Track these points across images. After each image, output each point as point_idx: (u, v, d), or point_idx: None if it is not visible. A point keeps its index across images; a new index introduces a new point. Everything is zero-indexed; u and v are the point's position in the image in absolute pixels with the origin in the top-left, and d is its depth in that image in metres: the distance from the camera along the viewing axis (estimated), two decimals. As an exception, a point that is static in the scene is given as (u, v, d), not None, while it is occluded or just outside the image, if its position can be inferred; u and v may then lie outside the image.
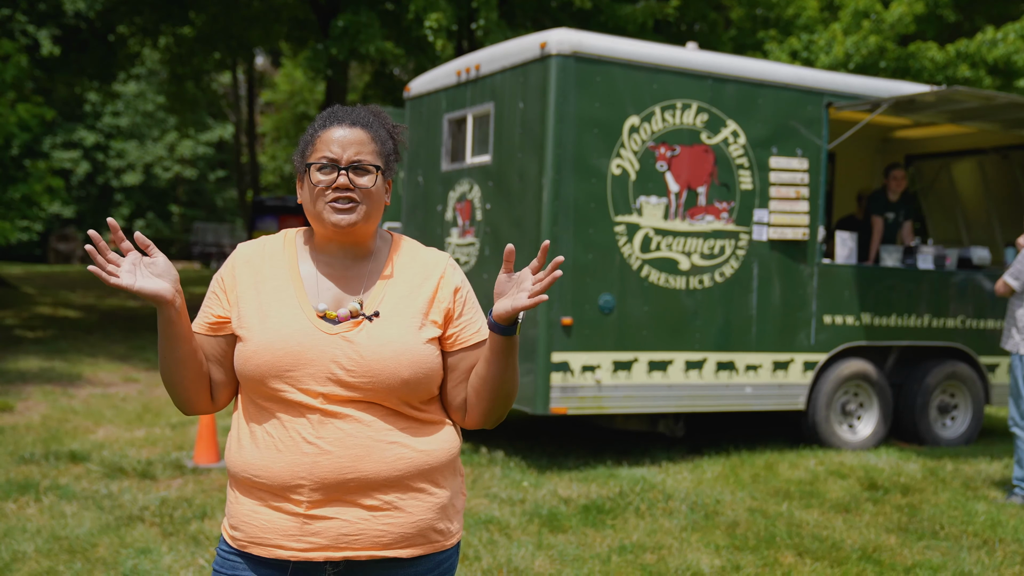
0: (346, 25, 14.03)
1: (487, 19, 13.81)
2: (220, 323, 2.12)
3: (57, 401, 9.02)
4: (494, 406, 2.13)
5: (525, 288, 2.02)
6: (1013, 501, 6.51)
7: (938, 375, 8.41)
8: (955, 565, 5.06)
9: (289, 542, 2.01)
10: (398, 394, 2.04)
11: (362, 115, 2.14)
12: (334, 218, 2.06)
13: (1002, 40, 15.20)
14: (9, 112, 13.30)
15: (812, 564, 5.02)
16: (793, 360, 7.69)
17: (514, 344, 2.06)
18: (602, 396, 6.97)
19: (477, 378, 2.12)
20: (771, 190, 7.50)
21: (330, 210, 2.06)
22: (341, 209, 2.06)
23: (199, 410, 2.17)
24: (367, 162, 2.08)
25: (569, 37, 6.84)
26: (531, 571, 4.76)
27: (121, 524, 5.27)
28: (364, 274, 2.13)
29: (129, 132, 38.40)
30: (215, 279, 2.16)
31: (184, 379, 2.09)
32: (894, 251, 8.43)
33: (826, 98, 7.72)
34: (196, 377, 2.10)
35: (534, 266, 2.04)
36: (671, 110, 7.13)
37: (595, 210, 6.90)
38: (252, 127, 34.39)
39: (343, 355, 2.02)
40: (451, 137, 8.10)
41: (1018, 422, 6.55)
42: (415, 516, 2.06)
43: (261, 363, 2.02)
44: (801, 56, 16.42)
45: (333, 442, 2.00)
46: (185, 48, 21.06)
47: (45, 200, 15.00)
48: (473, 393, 2.13)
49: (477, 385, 2.12)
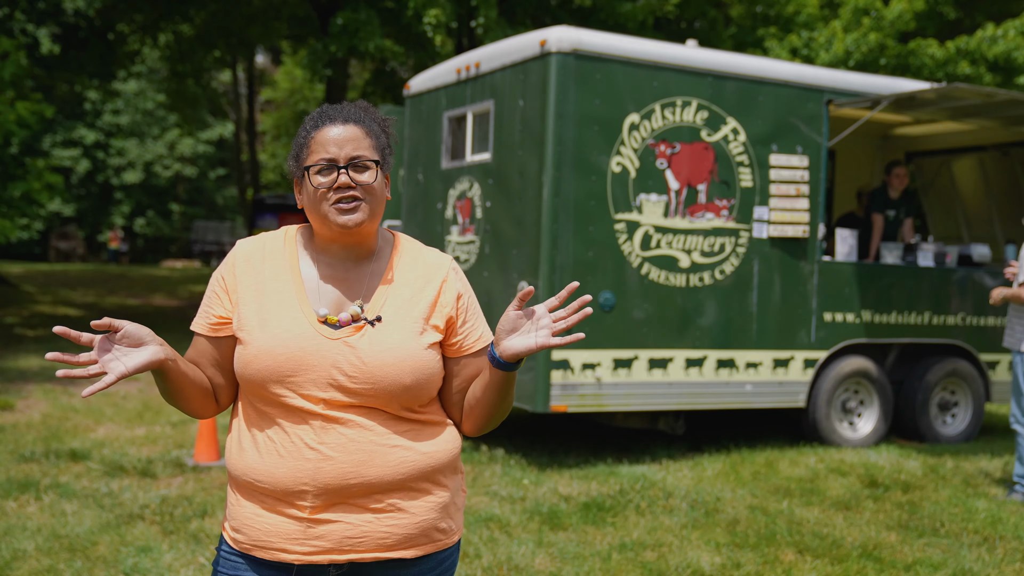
0: (345, 23, 14.03)
1: (486, 17, 13.80)
2: (222, 323, 2.08)
3: (57, 399, 9.02)
4: (487, 423, 2.16)
5: (545, 326, 1.98)
6: (1014, 498, 6.51)
7: (938, 372, 8.41)
8: (955, 562, 5.05)
9: (293, 546, 2.00)
10: (399, 399, 2.03)
11: (353, 111, 2.11)
12: (340, 219, 2.03)
13: (1002, 37, 15.19)
14: (8, 110, 13.30)
15: (812, 562, 5.02)
16: (793, 357, 7.69)
17: (513, 377, 2.05)
18: (602, 394, 6.97)
19: (472, 397, 2.12)
20: (771, 187, 7.50)
21: (335, 212, 2.03)
22: (345, 209, 2.03)
23: (204, 416, 2.18)
24: (365, 158, 2.05)
25: (569, 35, 6.83)
26: (531, 569, 4.76)
27: (121, 522, 5.27)
28: (366, 276, 2.11)
29: (129, 130, 38.40)
30: (216, 278, 2.12)
31: (190, 402, 2.10)
32: (894, 248, 8.43)
33: (826, 95, 7.71)
34: (201, 395, 2.10)
35: (552, 304, 1.99)
36: (671, 107, 7.12)
37: (595, 208, 6.90)
38: (252, 125, 34.40)
39: (345, 361, 2.00)
40: (451, 135, 8.09)
41: (1019, 419, 6.54)
42: (418, 517, 2.06)
43: (262, 367, 2.00)
44: (801, 53, 16.42)
45: (335, 447, 1.99)
46: (185, 45, 21.06)
47: (45, 198, 15.00)
48: (467, 408, 2.15)
49: (472, 403, 2.13)
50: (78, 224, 39.05)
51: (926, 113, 8.67)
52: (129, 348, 1.89)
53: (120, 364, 1.86)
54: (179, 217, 41.89)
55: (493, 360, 2.02)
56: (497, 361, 2.01)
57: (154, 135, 38.73)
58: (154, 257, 40.34)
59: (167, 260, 38.30)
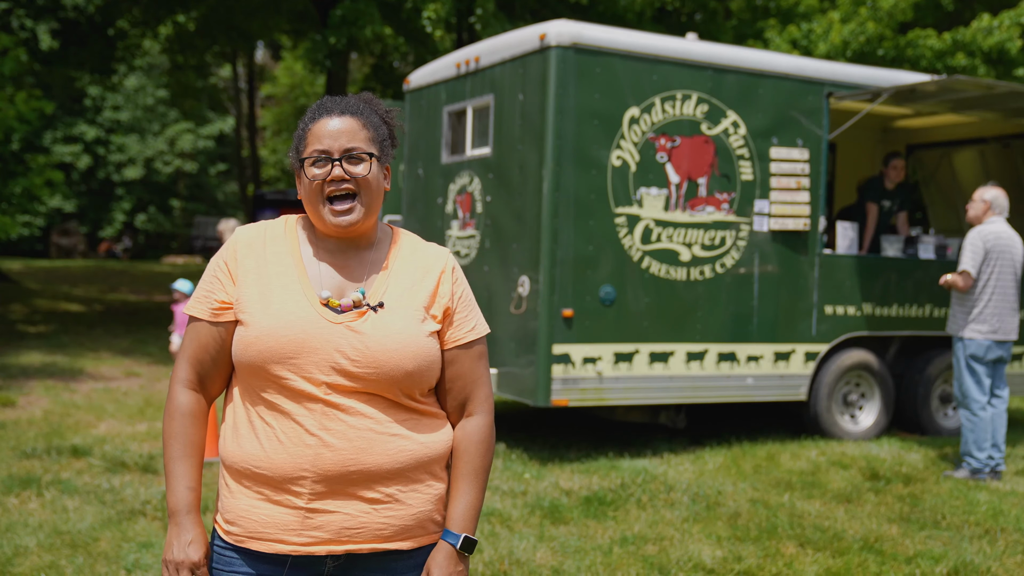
0: (344, 13, 14.00)
1: (484, 10, 13.78)
2: (224, 308, 2.08)
3: (59, 396, 9.03)
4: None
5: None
6: (957, 475, 6.81)
7: (939, 365, 8.41)
8: (957, 555, 5.06)
9: (290, 536, 2.01)
10: (400, 386, 2.04)
11: (352, 103, 2.12)
12: (334, 220, 2.05)
13: (997, 27, 15.13)
14: (8, 106, 13.29)
15: (814, 555, 5.02)
16: (794, 351, 7.69)
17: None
18: (603, 388, 6.96)
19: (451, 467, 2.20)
20: (772, 181, 7.49)
21: (330, 213, 2.05)
22: (340, 211, 2.05)
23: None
24: (360, 150, 2.06)
25: (568, 28, 6.82)
26: (533, 563, 4.76)
27: (123, 518, 5.27)
28: (366, 263, 2.13)
29: (130, 126, 38.35)
30: (216, 263, 2.12)
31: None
32: (895, 241, 8.42)
33: (826, 88, 7.70)
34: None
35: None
36: (671, 101, 7.11)
37: (595, 202, 6.89)
38: (253, 120, 34.39)
39: (348, 345, 2.01)
40: (451, 129, 8.08)
41: (961, 401, 6.92)
42: (415, 508, 2.07)
43: (264, 348, 2.00)
44: (800, 45, 16.39)
45: (336, 434, 1.99)
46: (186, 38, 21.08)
47: (45, 194, 14.99)
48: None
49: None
50: (79, 220, 39.03)
51: (927, 105, 8.65)
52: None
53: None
54: (180, 213, 41.86)
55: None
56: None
57: (154, 131, 38.69)
58: (155, 253, 40.33)
59: (168, 256, 38.30)
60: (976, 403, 6.80)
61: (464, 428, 2.16)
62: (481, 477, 2.15)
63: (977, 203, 6.99)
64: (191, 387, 2.12)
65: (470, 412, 2.18)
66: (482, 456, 2.16)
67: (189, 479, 2.08)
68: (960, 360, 6.90)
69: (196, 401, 2.12)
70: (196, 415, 2.11)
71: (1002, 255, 6.83)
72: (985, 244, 6.79)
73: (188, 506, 2.06)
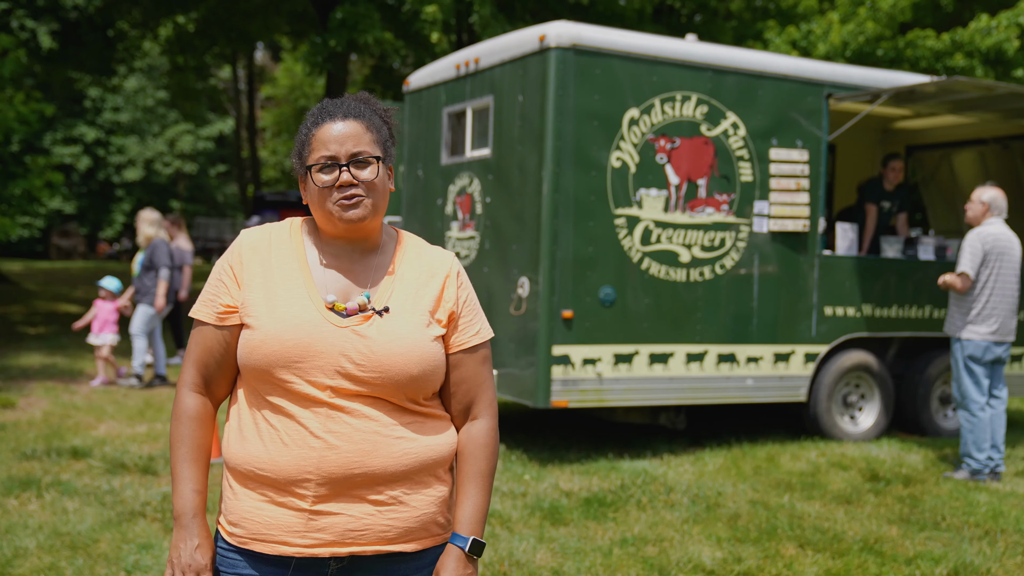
0: (344, 16, 14.02)
1: (480, 13, 13.79)
2: (229, 312, 2.08)
3: (59, 397, 9.03)
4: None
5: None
6: (957, 476, 6.80)
7: (939, 366, 8.41)
8: (957, 556, 5.06)
9: (293, 538, 2.01)
10: (405, 390, 2.05)
11: (353, 106, 2.12)
12: (344, 215, 2.05)
13: (995, 28, 15.11)
14: (8, 108, 13.29)
15: (814, 556, 5.02)
16: (794, 352, 7.69)
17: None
18: (603, 389, 6.96)
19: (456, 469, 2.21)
20: (771, 182, 7.49)
21: (339, 208, 2.05)
22: (348, 205, 2.05)
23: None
24: (367, 154, 2.07)
25: (568, 30, 6.82)
26: (533, 564, 4.76)
27: (123, 520, 5.27)
28: (371, 267, 2.13)
29: (129, 127, 38.35)
30: (221, 267, 2.12)
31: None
32: (895, 242, 8.42)
33: (826, 89, 7.70)
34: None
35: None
36: (671, 102, 7.11)
37: (595, 203, 6.89)
38: (252, 122, 34.40)
39: (353, 349, 2.01)
40: (450, 131, 8.09)
41: (959, 402, 6.93)
42: (419, 510, 2.08)
43: (269, 352, 2.00)
44: (800, 45, 16.38)
45: (340, 436, 1.99)
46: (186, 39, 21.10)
47: (45, 196, 14.99)
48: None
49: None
50: (79, 222, 39.02)
51: (926, 107, 8.65)
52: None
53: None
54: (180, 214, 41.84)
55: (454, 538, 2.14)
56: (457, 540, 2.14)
57: (154, 132, 38.69)
58: (155, 254, 40.30)
59: (168, 257, 38.27)
60: (975, 404, 6.81)
61: (469, 432, 2.17)
62: (487, 480, 2.16)
63: (976, 204, 7.00)
64: (197, 390, 2.12)
65: (475, 416, 2.18)
66: (488, 459, 2.17)
67: (196, 482, 2.08)
68: (958, 361, 6.92)
69: (202, 404, 2.12)
70: (202, 418, 2.12)
71: (1001, 257, 6.84)
72: (984, 246, 6.80)
73: (195, 509, 2.07)
